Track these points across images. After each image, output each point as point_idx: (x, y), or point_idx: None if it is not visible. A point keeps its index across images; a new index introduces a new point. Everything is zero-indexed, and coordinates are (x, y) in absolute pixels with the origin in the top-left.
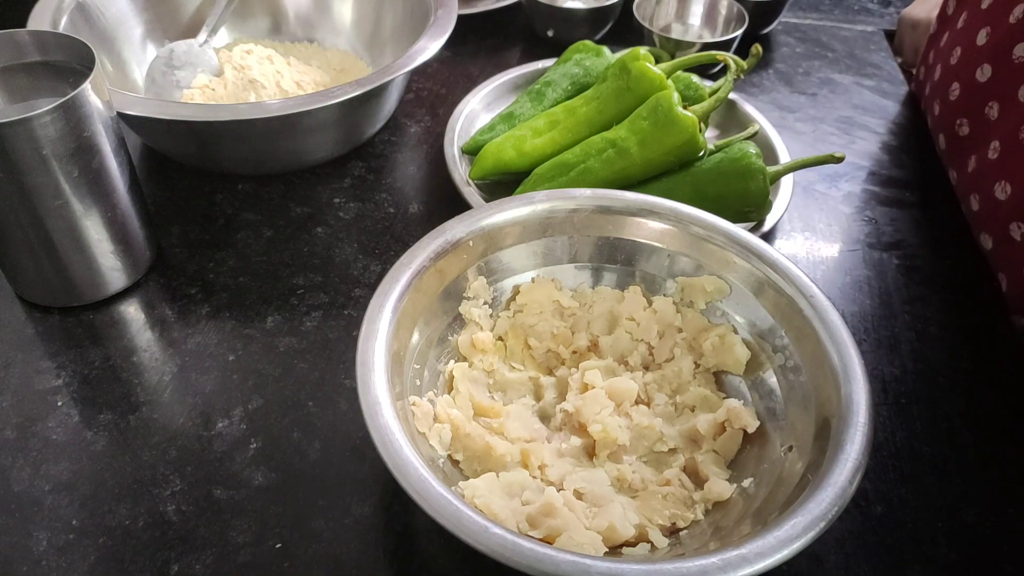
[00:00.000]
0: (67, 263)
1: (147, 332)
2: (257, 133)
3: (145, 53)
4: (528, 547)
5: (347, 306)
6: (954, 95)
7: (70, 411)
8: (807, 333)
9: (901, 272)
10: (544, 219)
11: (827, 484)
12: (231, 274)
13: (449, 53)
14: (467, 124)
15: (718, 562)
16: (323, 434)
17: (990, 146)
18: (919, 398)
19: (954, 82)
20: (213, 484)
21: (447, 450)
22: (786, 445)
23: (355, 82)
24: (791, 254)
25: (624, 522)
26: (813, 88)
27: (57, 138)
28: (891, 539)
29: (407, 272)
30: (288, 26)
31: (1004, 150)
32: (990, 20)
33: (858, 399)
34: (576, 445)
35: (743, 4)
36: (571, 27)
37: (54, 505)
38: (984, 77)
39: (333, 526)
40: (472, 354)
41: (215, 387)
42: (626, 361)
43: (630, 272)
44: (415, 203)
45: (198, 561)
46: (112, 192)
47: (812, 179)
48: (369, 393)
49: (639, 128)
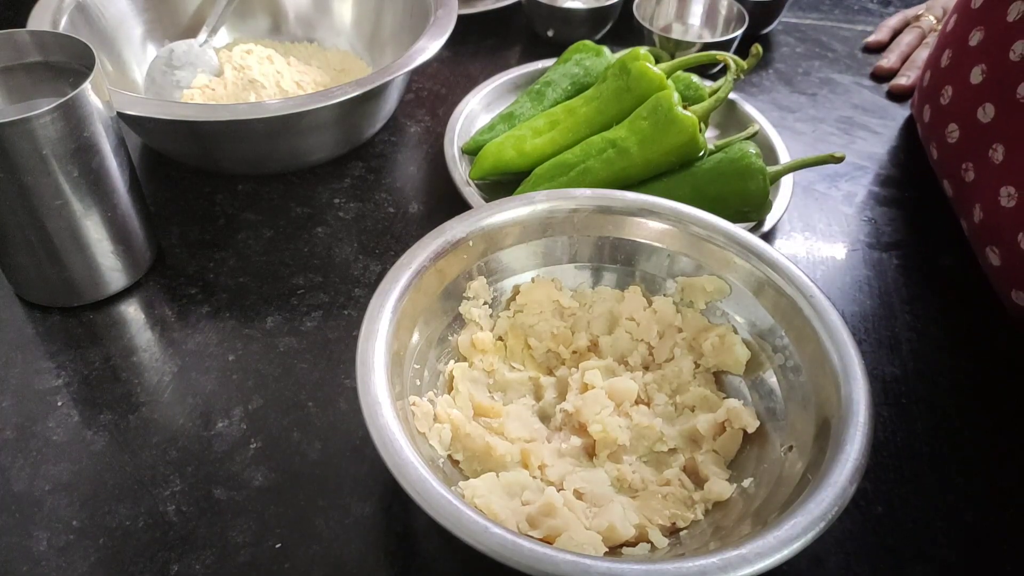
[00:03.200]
0: (67, 263)
1: (147, 332)
2: (257, 133)
3: (145, 53)
4: (528, 547)
5: (347, 306)
6: (946, 98)
7: (70, 411)
8: (807, 333)
9: (901, 272)
10: (544, 219)
11: (827, 484)
12: (231, 274)
13: (449, 53)
14: (467, 124)
15: (718, 562)
16: (323, 434)
17: (979, 110)
18: (919, 398)
19: (946, 85)
20: (213, 484)
21: (447, 450)
22: (786, 445)
23: (355, 82)
24: (791, 254)
25: (624, 522)
26: (813, 88)
27: (57, 138)
28: (891, 539)
29: (407, 272)
30: (288, 26)
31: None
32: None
33: (858, 399)
34: (576, 445)
35: (743, 4)
36: (571, 27)
37: (54, 505)
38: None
39: (333, 526)
40: (472, 354)
41: (215, 387)
42: (626, 361)
43: (630, 272)
44: (415, 203)
45: (198, 561)
46: (112, 192)
47: (812, 179)
48: (369, 393)
49: (639, 128)
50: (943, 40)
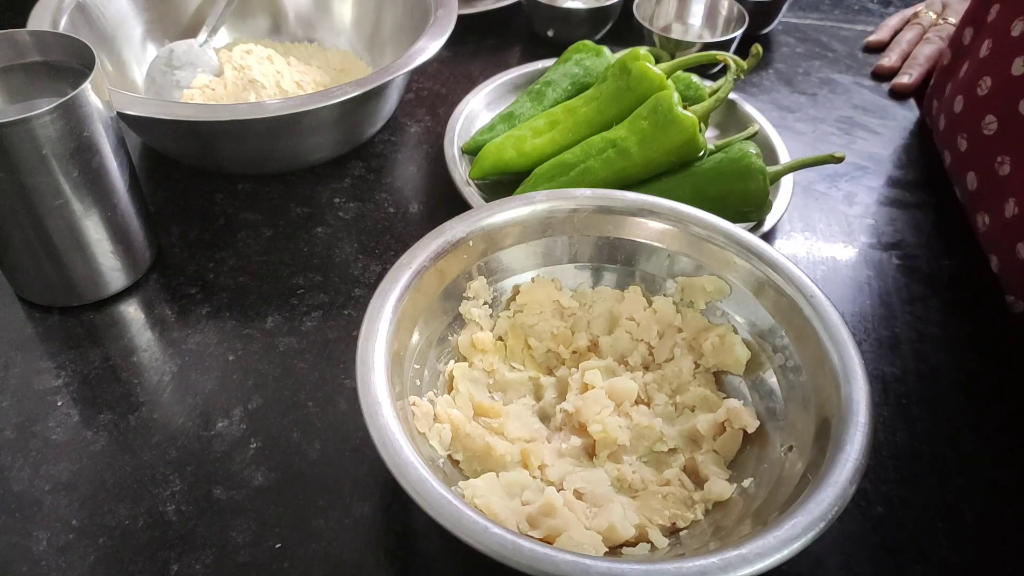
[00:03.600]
0: (67, 263)
1: (147, 332)
2: (257, 133)
3: (145, 53)
4: (528, 547)
5: (347, 306)
6: (958, 108)
7: (70, 411)
8: (807, 333)
9: (901, 272)
10: (544, 219)
11: (827, 484)
12: (231, 274)
13: (449, 53)
14: (467, 124)
15: (718, 562)
16: (323, 434)
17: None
18: (919, 398)
19: (958, 96)
20: (213, 484)
21: (447, 450)
22: (786, 445)
23: (355, 82)
24: (791, 254)
25: (624, 522)
26: (813, 88)
27: (57, 138)
28: (891, 539)
29: (407, 272)
30: (288, 26)
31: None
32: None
33: (858, 399)
34: (576, 445)
35: (743, 4)
36: (571, 27)
37: (54, 505)
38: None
39: (333, 526)
40: (472, 354)
41: (215, 387)
42: (626, 361)
43: (630, 272)
44: (415, 203)
45: (198, 561)
46: (112, 192)
47: (812, 179)
48: (369, 393)
49: (639, 128)
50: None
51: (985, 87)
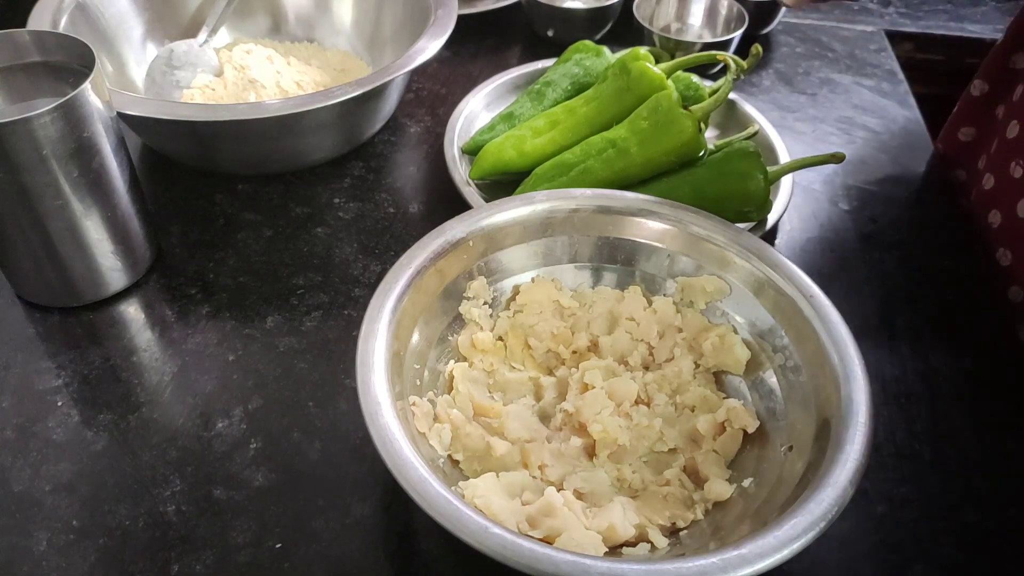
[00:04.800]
0: (67, 263)
1: (147, 332)
2: (257, 133)
3: (145, 53)
4: (528, 547)
5: (347, 306)
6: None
7: (70, 411)
8: (807, 333)
9: (901, 272)
10: (544, 219)
11: (827, 484)
12: (231, 274)
13: (449, 53)
14: (467, 124)
15: (718, 562)
16: (323, 434)
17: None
18: (919, 398)
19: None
20: (213, 484)
21: (447, 450)
22: (786, 445)
23: (355, 82)
24: (791, 254)
25: (624, 522)
26: (813, 88)
27: (57, 138)
28: (892, 539)
29: (407, 272)
30: (288, 26)
31: None
32: None
33: (858, 399)
34: (576, 445)
35: (743, 4)
36: (571, 27)
37: (54, 505)
38: None
39: (333, 526)
40: (472, 354)
41: (215, 387)
42: (626, 361)
43: (630, 272)
44: (415, 203)
45: (198, 561)
46: (112, 192)
47: (812, 179)
48: (369, 393)
49: (639, 128)
50: None
51: None
